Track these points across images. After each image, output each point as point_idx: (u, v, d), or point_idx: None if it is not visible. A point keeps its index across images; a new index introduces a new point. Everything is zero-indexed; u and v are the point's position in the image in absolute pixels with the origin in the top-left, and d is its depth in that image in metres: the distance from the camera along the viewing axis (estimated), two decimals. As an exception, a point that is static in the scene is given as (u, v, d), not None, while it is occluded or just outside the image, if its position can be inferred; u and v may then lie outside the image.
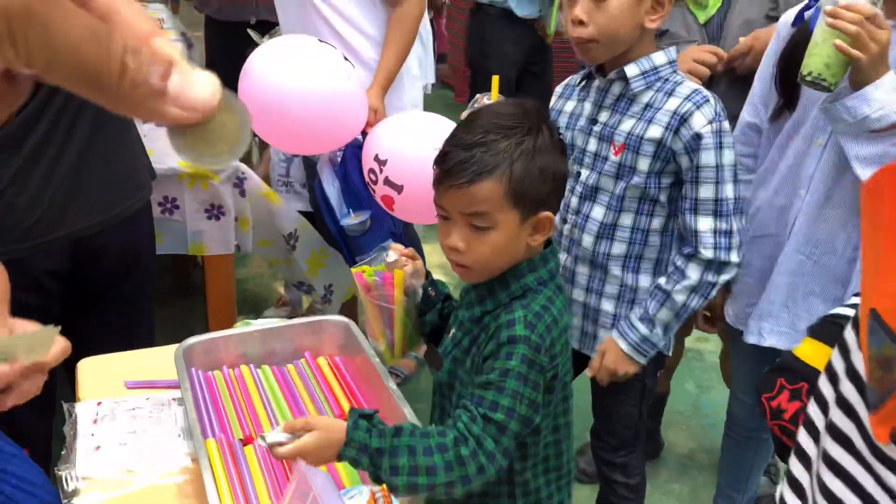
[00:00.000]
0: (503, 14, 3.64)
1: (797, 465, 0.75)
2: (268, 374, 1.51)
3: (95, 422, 1.36)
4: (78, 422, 1.35)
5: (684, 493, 2.45)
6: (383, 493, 1.15)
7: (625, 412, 1.81)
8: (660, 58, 1.57)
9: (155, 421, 1.37)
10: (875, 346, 0.58)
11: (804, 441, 0.74)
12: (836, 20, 1.40)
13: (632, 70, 1.56)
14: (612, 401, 1.80)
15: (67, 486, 1.22)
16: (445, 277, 3.29)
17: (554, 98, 1.78)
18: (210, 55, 3.29)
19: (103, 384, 1.47)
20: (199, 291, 2.76)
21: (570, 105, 1.71)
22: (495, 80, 1.87)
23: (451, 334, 1.28)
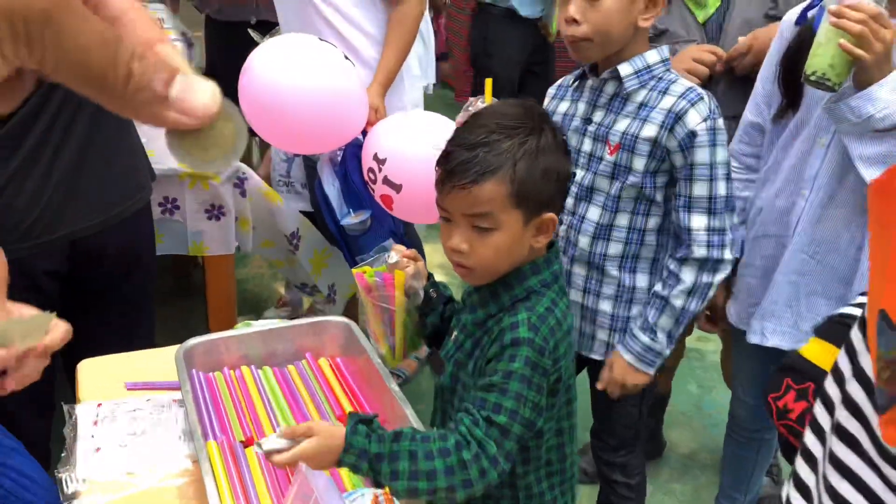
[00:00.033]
0: (506, 14, 3.65)
1: (803, 467, 0.75)
2: (269, 376, 1.50)
3: (95, 423, 1.35)
4: (78, 423, 1.35)
5: (686, 493, 2.44)
6: (386, 496, 1.14)
7: (624, 412, 1.81)
8: (653, 56, 1.56)
9: (155, 423, 1.37)
10: (884, 347, 0.57)
11: (810, 442, 0.74)
12: (840, 20, 1.39)
13: (625, 69, 1.56)
14: (612, 401, 1.80)
15: (67, 488, 1.22)
16: (446, 278, 3.28)
17: (547, 99, 1.77)
18: (210, 55, 3.29)
19: (103, 386, 1.46)
20: (200, 292, 2.76)
21: (564, 105, 1.71)
22: (488, 82, 1.87)
23: (454, 337, 1.28)
